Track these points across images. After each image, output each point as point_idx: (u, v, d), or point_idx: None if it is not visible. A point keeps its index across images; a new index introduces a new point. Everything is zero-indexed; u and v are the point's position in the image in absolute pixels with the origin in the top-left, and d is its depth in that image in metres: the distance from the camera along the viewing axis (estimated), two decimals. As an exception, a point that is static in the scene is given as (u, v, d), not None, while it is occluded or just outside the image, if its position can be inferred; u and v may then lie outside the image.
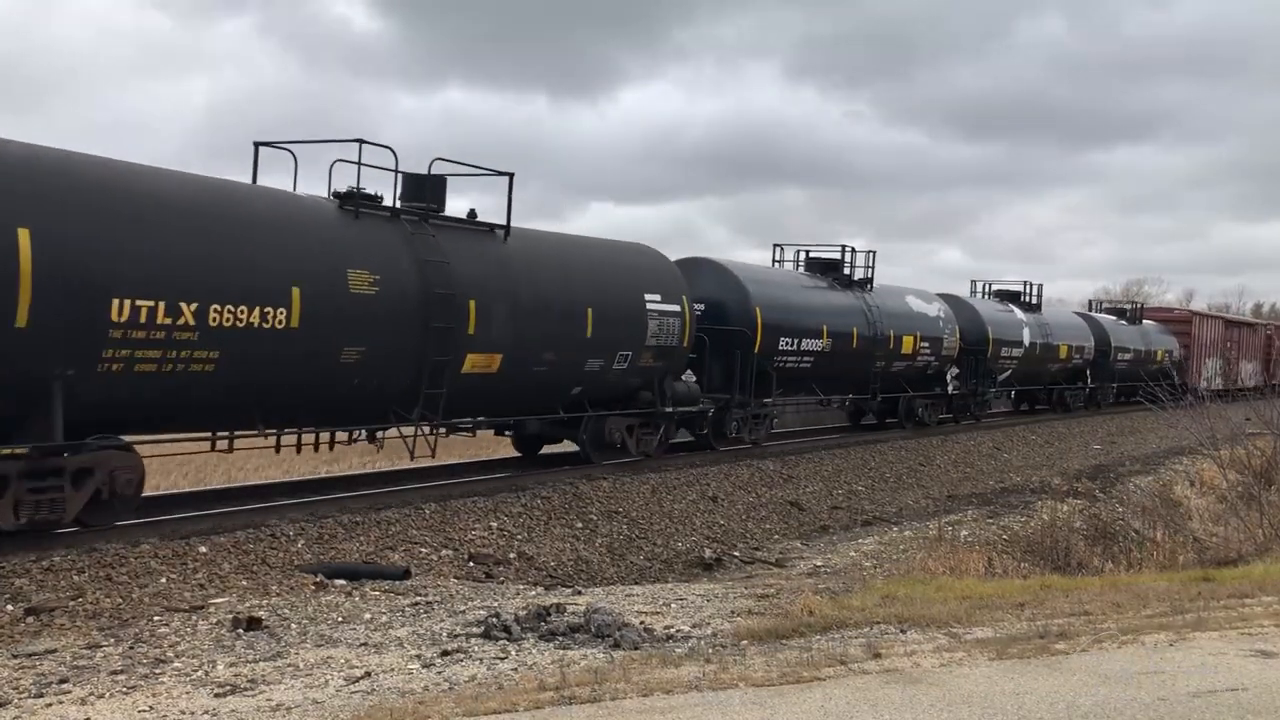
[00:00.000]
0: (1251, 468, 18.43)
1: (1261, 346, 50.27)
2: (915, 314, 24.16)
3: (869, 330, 21.98)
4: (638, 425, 16.50)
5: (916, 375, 24.58)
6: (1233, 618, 7.84)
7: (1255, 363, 48.18)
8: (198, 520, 10.89)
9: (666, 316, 16.26)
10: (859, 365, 22.03)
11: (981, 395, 28.01)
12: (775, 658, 6.74)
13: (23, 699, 6.32)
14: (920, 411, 24.98)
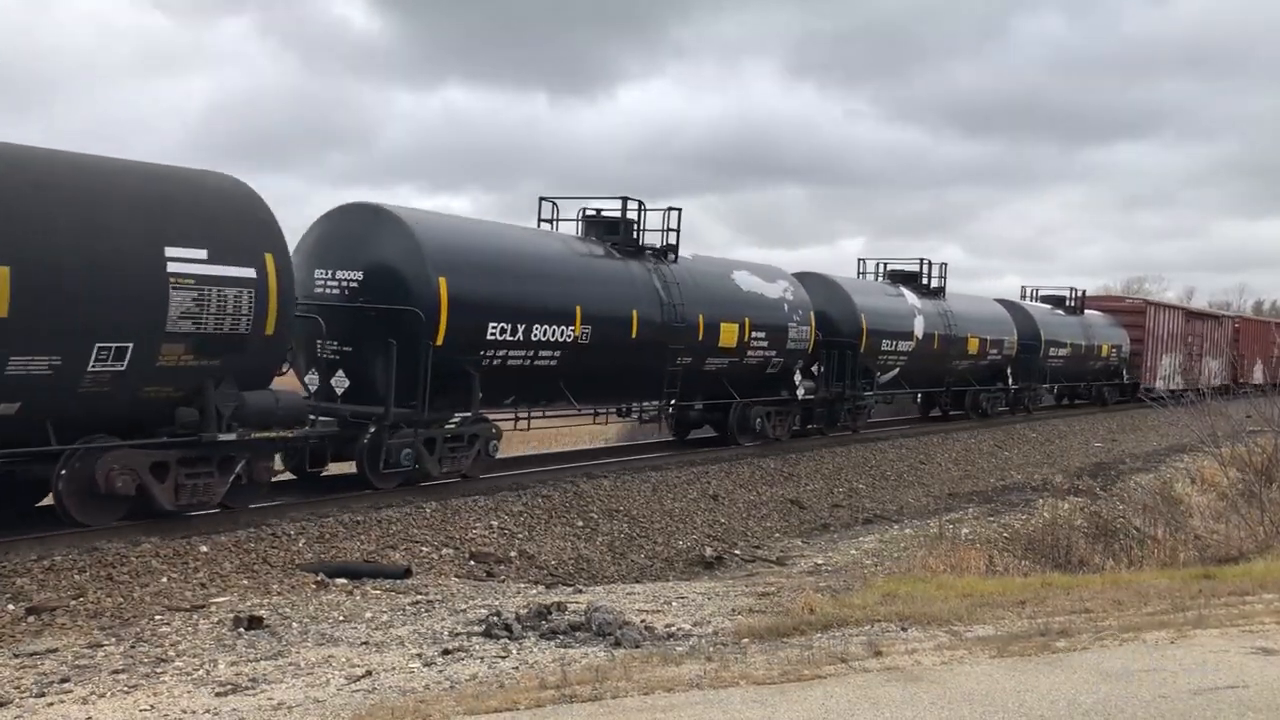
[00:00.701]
0: (1252, 465, 18.42)
1: (1227, 341, 45.63)
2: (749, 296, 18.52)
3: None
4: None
5: (748, 375, 18.73)
6: (1234, 615, 7.85)
7: (1220, 360, 43.81)
8: (198, 519, 10.89)
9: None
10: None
11: (854, 400, 21.95)
12: (776, 656, 6.74)
13: (24, 698, 6.33)
14: (760, 422, 19.08)
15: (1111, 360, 35.49)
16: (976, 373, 27.17)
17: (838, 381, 21.18)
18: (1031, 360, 29.54)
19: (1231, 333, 46.34)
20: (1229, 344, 45.11)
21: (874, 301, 22.72)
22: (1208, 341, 43.07)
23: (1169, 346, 39.34)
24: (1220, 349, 44.01)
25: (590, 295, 15.04)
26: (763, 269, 19.75)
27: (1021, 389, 29.45)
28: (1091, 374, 34.95)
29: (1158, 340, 38.35)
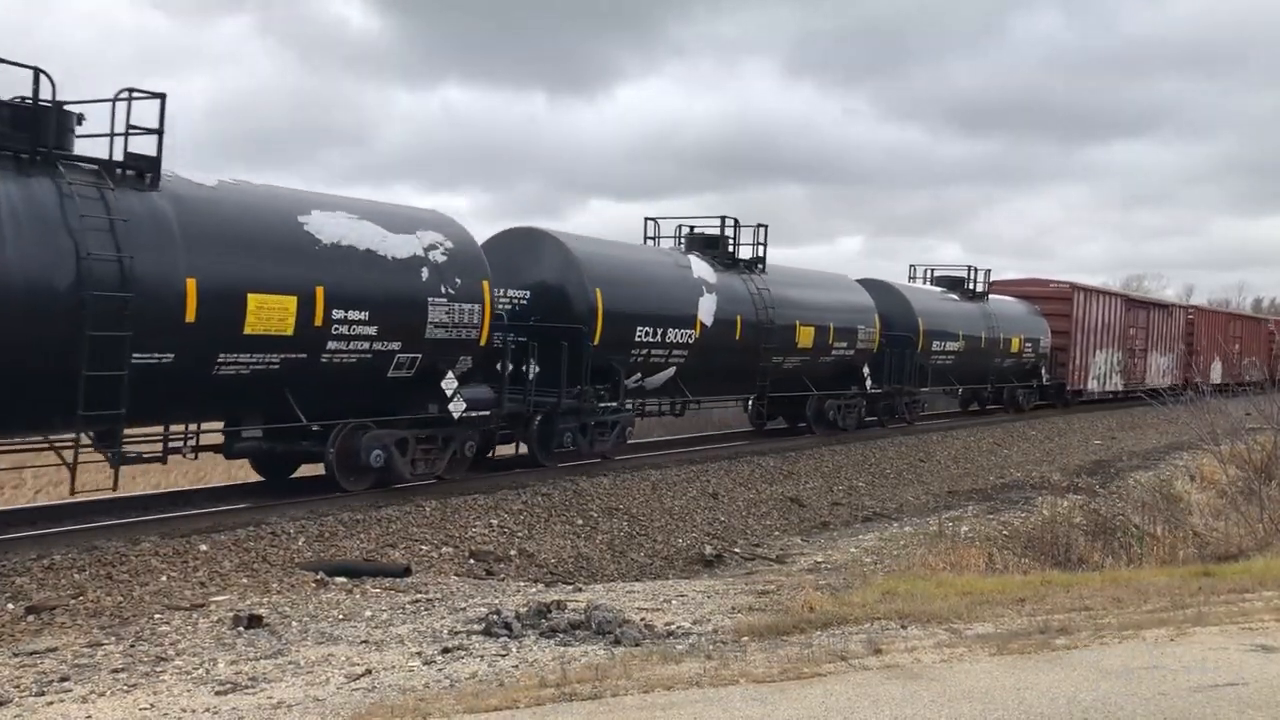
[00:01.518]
0: (1252, 463, 18.43)
1: (1179, 335, 39.52)
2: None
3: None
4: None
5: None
6: (1233, 613, 7.85)
7: (1170, 356, 38.34)
8: (198, 518, 10.90)
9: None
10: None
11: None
12: (776, 654, 6.74)
13: (24, 697, 6.33)
14: None
15: (1026, 357, 29.27)
16: (822, 374, 21.34)
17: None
18: (905, 358, 23.20)
19: (1184, 325, 40.37)
20: (1181, 338, 39.64)
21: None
22: (1154, 335, 37.20)
23: (1104, 341, 33.08)
24: (1170, 344, 38.55)
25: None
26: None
27: (884, 393, 22.99)
28: (997, 374, 28.36)
29: (1090, 333, 32.22)
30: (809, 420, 21.44)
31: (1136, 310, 36.45)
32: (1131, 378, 34.71)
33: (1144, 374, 35.69)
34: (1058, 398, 31.58)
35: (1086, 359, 32.01)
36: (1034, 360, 29.84)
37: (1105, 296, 34.53)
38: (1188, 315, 41.78)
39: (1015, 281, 33.06)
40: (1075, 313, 31.37)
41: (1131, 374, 34.83)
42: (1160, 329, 37.90)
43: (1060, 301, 31.51)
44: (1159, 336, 37.75)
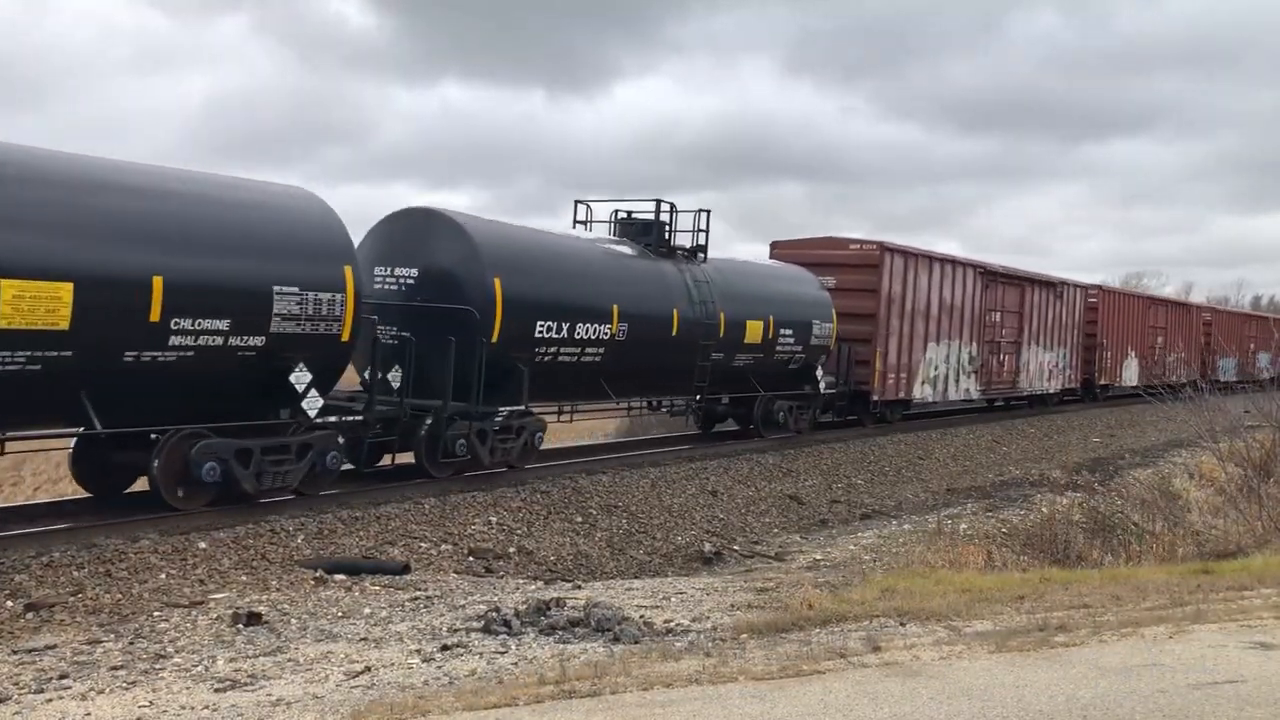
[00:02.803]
0: (1251, 460, 18.40)
1: (1076, 325, 30.68)
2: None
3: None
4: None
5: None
6: (1232, 610, 7.85)
7: (1060, 352, 29.79)
8: (197, 516, 10.89)
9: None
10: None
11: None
12: (775, 651, 6.74)
13: (23, 695, 6.33)
14: None
15: (784, 352, 19.24)
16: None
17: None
18: (456, 349, 13.13)
19: (1081, 310, 31.08)
20: (1079, 327, 30.88)
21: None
22: (1034, 323, 28.09)
23: (944, 329, 23.82)
24: (1061, 336, 29.76)
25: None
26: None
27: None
28: (726, 376, 18.11)
29: (914, 317, 22.73)
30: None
31: (1001, 288, 26.54)
32: (995, 381, 26.48)
33: (1015, 375, 27.54)
34: (864, 412, 22.36)
35: (908, 355, 22.53)
36: (803, 357, 19.85)
37: (945, 265, 24.12)
38: (1088, 297, 32.00)
39: (799, 242, 23.12)
40: (886, 286, 21.72)
41: (994, 376, 26.30)
42: (1044, 314, 28.78)
43: (862, 271, 21.68)
44: (1042, 325, 28.71)
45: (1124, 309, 35.00)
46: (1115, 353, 33.99)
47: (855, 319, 21.39)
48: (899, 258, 22.47)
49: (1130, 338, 35.08)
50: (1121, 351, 34.45)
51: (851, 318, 21.25)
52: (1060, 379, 30.53)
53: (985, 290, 25.82)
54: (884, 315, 21.95)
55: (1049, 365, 29.74)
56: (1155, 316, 37.70)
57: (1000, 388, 27.45)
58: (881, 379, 22.04)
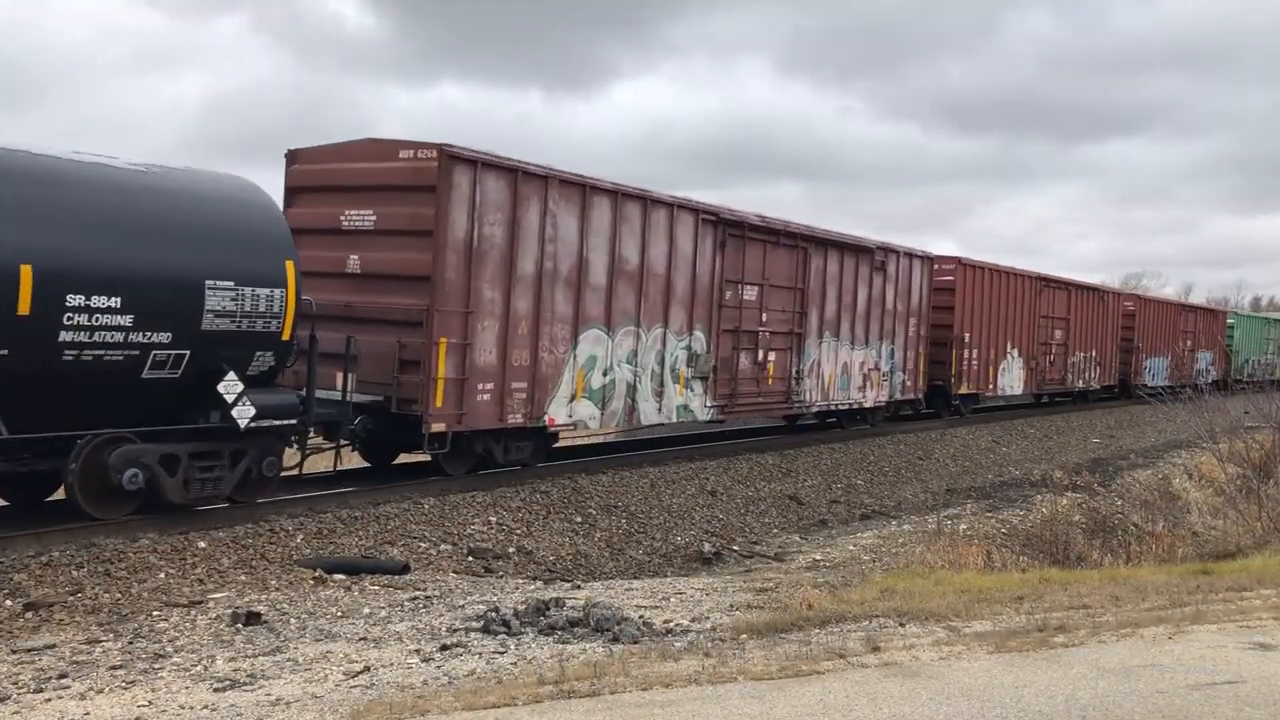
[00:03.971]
0: (1250, 461, 18.43)
1: (918, 314, 22.69)
2: None
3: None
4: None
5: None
6: (1231, 611, 7.85)
7: (894, 349, 21.75)
8: (196, 515, 10.88)
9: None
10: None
11: None
12: (774, 651, 6.74)
13: (22, 694, 6.33)
14: None
15: (82, 342, 8.97)
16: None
17: None
18: None
19: (925, 291, 22.87)
20: (917, 317, 22.67)
21: None
22: (828, 303, 19.46)
23: (634, 310, 15.09)
24: (885, 326, 21.38)
25: None
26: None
27: None
28: None
29: (611, 299, 14.70)
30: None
31: (787, 252, 18.11)
32: (760, 394, 17.98)
33: (792, 384, 18.63)
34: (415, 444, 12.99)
35: (530, 351, 13.45)
36: (178, 357, 9.77)
37: (677, 213, 15.71)
38: (937, 272, 23.75)
39: (331, 150, 13.51)
40: (456, 225, 12.40)
41: (736, 389, 17.26)
42: (846, 293, 20.00)
43: (413, 198, 12.53)
44: (841, 308, 19.92)
45: (996, 292, 26.13)
46: (984, 351, 25.62)
47: (401, 286, 12.54)
48: (492, 175, 12.81)
49: (1010, 331, 26.81)
50: (997, 349, 26.26)
51: (395, 284, 12.60)
52: (883, 386, 21.69)
53: (766, 253, 17.67)
54: (451, 279, 12.42)
55: (862, 366, 20.90)
56: (1049, 303, 29.06)
57: (743, 408, 17.87)
58: (453, 394, 12.49)
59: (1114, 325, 34.16)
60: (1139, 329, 36.13)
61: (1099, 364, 33.04)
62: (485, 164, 12.84)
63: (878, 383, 21.65)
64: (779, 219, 18.66)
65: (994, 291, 26.20)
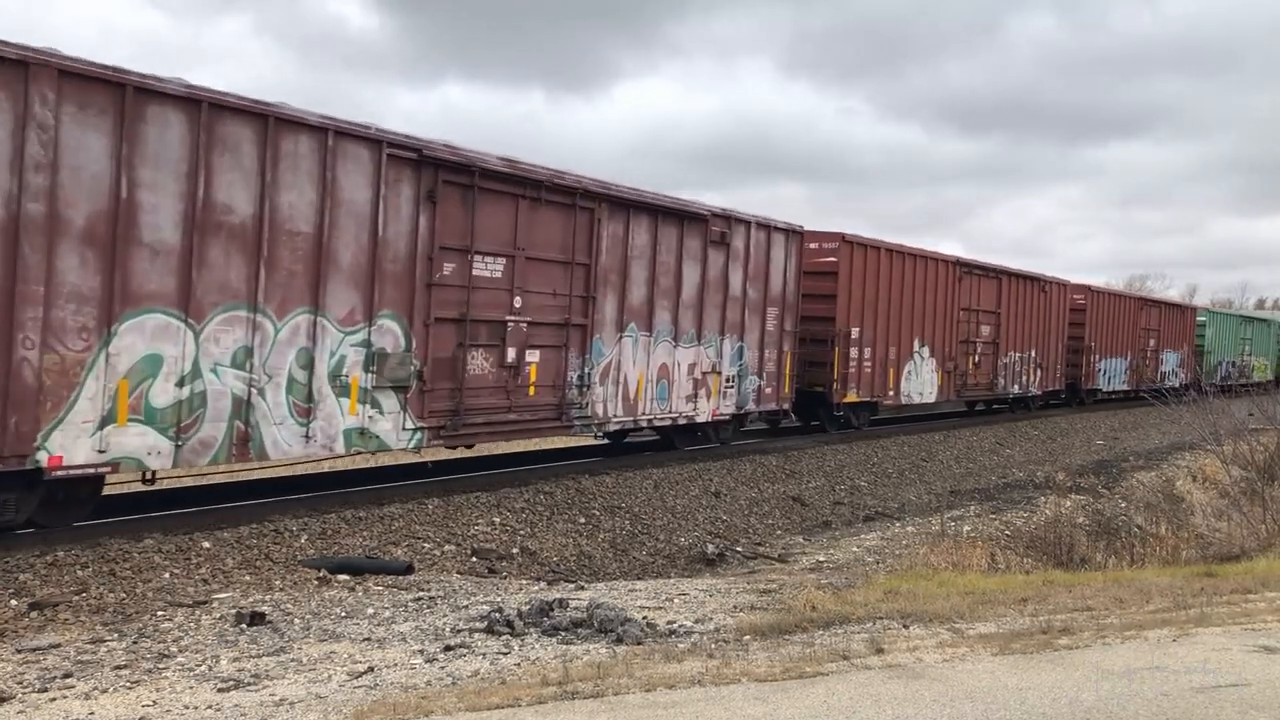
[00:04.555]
0: (1255, 463, 18.41)
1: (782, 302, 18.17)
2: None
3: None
4: None
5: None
6: (1236, 613, 7.84)
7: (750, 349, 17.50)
8: (201, 515, 10.91)
9: None
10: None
11: None
12: (778, 653, 6.74)
13: (27, 694, 6.34)
14: None
15: None
16: None
17: None
18: None
19: (793, 274, 18.39)
20: (786, 310, 18.35)
21: None
22: (688, 296, 16.19)
23: (301, 293, 10.75)
24: (751, 321, 17.52)
25: None
26: None
27: None
28: None
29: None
30: None
31: (492, 201, 12.90)
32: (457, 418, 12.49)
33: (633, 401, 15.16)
34: None
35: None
36: None
37: (219, 119, 9.95)
38: (805, 249, 18.97)
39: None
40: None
41: (479, 407, 12.77)
42: (666, 274, 15.76)
43: None
44: (668, 293, 15.82)
45: (898, 278, 21.44)
46: (881, 350, 21.09)
47: None
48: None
49: (919, 325, 22.41)
50: (900, 348, 21.84)
51: None
52: (727, 395, 17.02)
53: (432, 204, 12.11)
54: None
55: (692, 369, 16.27)
56: (973, 293, 24.67)
57: (479, 429, 13.04)
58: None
59: (1059, 321, 29.61)
60: (1091, 325, 31.78)
61: (1040, 366, 28.74)
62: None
63: (717, 390, 16.66)
64: (547, 167, 13.69)
65: (895, 277, 21.55)
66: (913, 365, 22.60)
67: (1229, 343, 44.34)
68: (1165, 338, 37.51)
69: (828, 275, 19.87)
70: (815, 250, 19.76)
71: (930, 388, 23.51)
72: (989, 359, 26.19)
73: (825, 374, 20.07)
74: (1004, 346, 26.75)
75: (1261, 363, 48.57)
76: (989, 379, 26.26)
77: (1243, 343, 45.99)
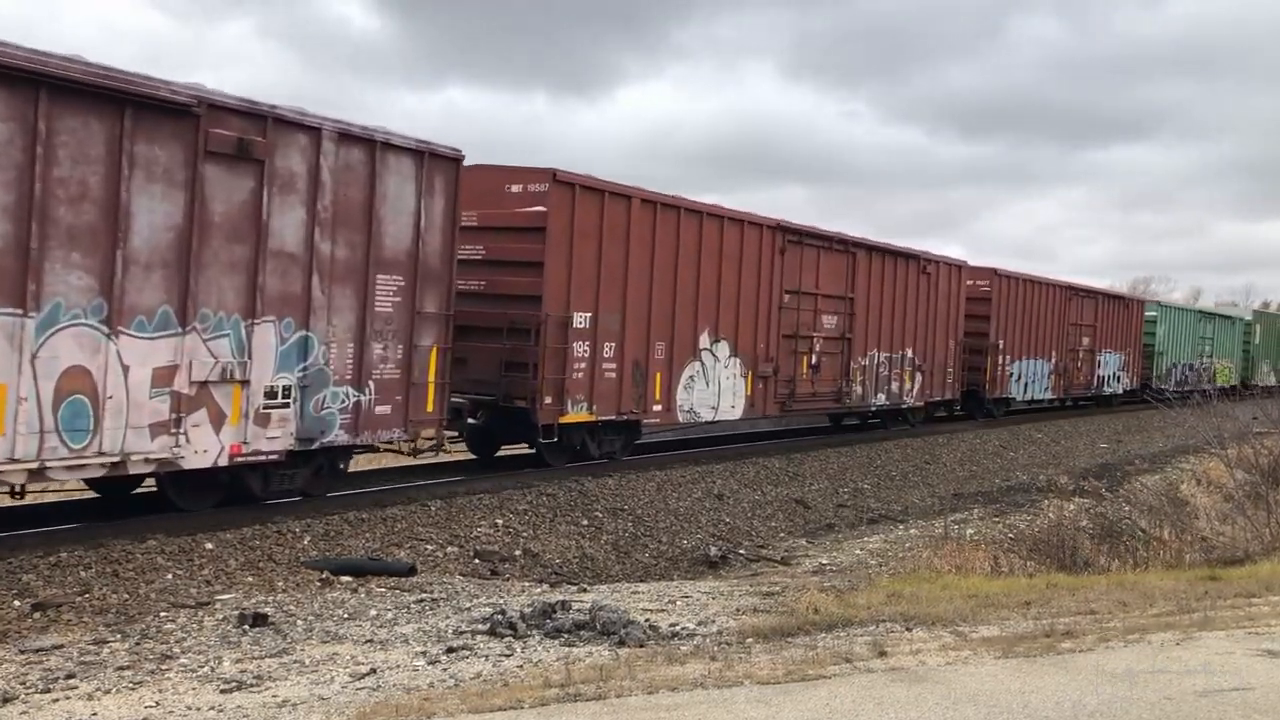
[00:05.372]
0: (1259, 467, 18.36)
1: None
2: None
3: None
4: None
5: None
6: (1240, 617, 7.83)
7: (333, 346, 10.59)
8: (204, 516, 10.91)
9: None
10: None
11: None
12: (780, 655, 6.73)
13: (30, 694, 6.34)
14: None
15: None
16: None
17: None
18: None
19: (435, 220, 12.05)
20: (425, 285, 11.95)
21: None
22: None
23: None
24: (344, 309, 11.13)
25: None
26: None
27: None
28: None
29: None
30: None
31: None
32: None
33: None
34: None
35: None
36: None
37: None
38: (525, 199, 14.27)
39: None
40: None
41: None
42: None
43: None
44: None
45: (666, 240, 15.79)
46: (632, 348, 15.41)
47: None
48: None
49: (708, 314, 16.76)
50: (668, 344, 16.03)
51: None
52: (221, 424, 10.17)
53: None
54: None
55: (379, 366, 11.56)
56: (798, 269, 18.63)
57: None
58: None
59: (952, 312, 23.87)
60: (1000, 318, 25.97)
61: (920, 369, 22.88)
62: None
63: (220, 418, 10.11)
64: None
65: (662, 241, 15.65)
66: (698, 369, 16.84)
67: (1186, 342, 38.46)
68: (1104, 335, 31.77)
69: (533, 233, 14.06)
70: (518, 196, 14.25)
71: (737, 400, 17.71)
72: (835, 361, 20.03)
73: (527, 382, 13.93)
74: (859, 344, 20.61)
75: (1225, 366, 42.06)
76: (834, 386, 20.03)
77: (1202, 342, 39.82)
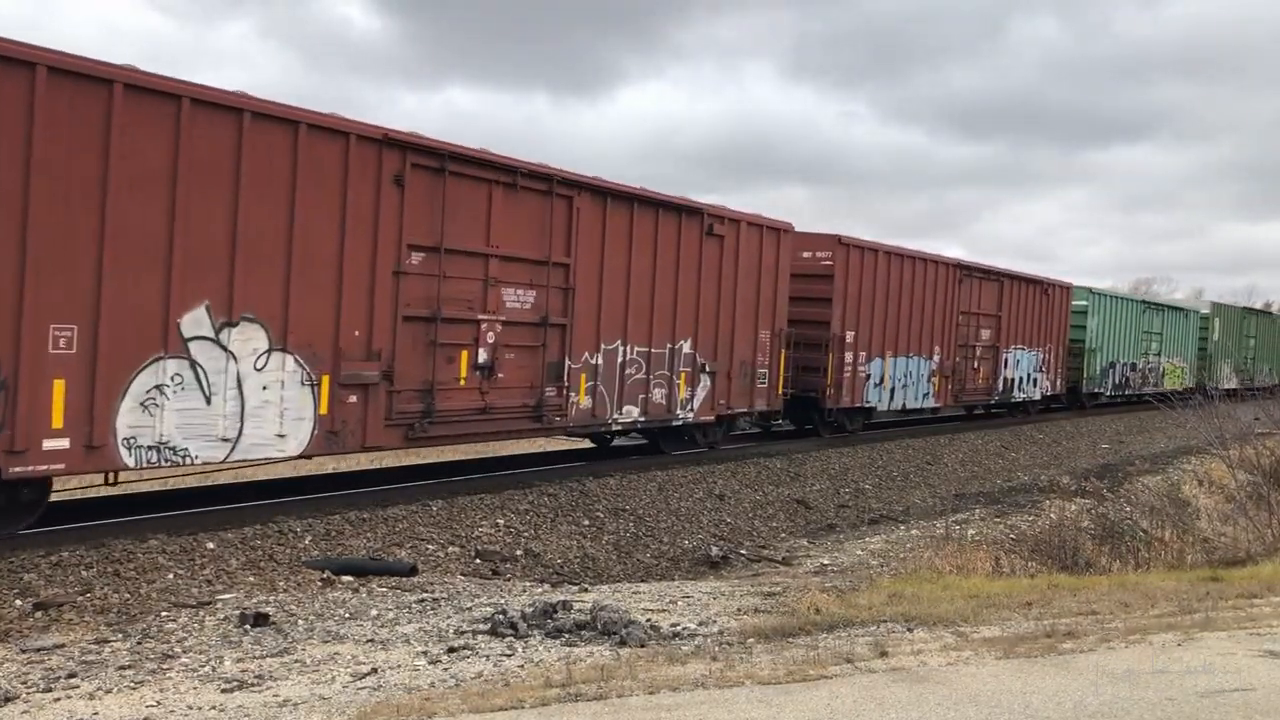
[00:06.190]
0: (1261, 467, 18.35)
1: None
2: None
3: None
4: None
5: None
6: (1241, 618, 7.82)
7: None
8: (205, 516, 10.92)
9: None
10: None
11: None
12: (781, 656, 6.73)
13: (31, 693, 6.35)
14: None
15: None
16: None
17: None
18: None
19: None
20: None
21: None
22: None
23: None
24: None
25: None
26: None
27: None
28: None
29: None
30: None
31: None
32: None
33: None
34: None
35: None
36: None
37: None
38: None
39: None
40: None
41: None
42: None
43: None
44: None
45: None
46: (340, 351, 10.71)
47: None
48: None
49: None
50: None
51: None
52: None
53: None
54: None
55: None
56: (508, 230, 12.79)
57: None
58: None
59: (767, 293, 17.65)
60: (846, 303, 19.68)
61: (708, 371, 16.48)
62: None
63: None
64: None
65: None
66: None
67: (1126, 338, 32.79)
68: (1012, 328, 25.96)
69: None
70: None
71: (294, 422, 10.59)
72: (526, 360, 13.44)
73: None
74: (583, 334, 14.20)
75: (1176, 366, 36.34)
76: (558, 402, 13.88)
77: (1147, 338, 33.98)
